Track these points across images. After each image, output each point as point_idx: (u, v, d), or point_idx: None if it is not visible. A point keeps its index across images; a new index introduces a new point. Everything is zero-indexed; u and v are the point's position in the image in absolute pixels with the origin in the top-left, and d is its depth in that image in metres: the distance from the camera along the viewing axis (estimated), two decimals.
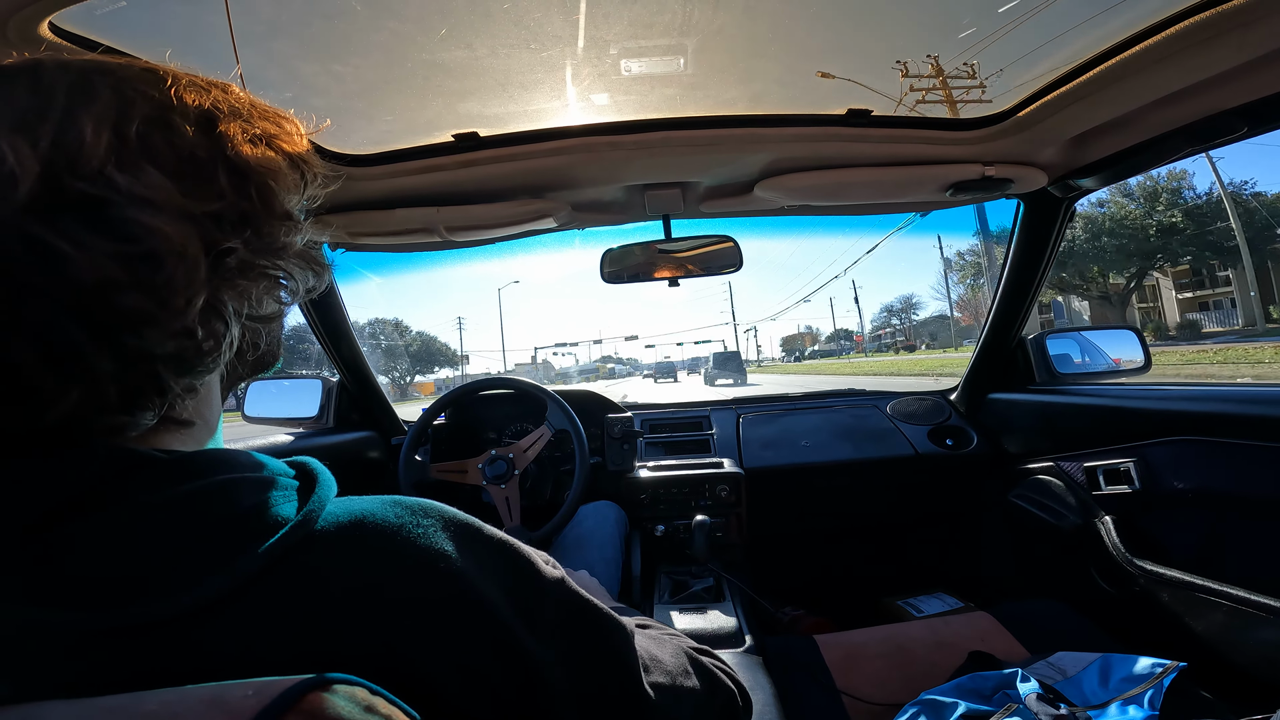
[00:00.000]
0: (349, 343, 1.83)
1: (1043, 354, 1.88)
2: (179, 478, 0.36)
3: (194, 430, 0.44)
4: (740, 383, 31.68)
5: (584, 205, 1.59)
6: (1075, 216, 1.61)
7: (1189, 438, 1.25)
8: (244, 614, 0.33)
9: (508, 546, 0.44)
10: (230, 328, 0.41)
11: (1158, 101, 1.09)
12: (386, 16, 0.91)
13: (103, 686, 0.30)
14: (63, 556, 0.32)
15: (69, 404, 0.34)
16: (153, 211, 0.35)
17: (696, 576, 1.60)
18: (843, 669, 1.19)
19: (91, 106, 0.35)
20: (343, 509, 0.39)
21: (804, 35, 1.06)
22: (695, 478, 1.85)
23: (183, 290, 0.36)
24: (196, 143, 0.39)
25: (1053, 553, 1.66)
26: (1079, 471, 1.55)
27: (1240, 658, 1.11)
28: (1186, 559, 1.27)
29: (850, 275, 78.95)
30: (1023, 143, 1.33)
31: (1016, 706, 0.92)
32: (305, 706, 0.28)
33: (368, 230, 1.47)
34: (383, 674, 0.33)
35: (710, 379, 34.65)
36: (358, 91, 1.11)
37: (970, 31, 1.02)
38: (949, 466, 2.01)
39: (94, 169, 0.33)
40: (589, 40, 1.00)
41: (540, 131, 1.28)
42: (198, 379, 0.41)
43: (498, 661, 0.39)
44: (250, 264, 0.41)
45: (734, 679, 0.63)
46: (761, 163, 1.41)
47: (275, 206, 0.43)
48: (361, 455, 1.88)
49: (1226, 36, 0.90)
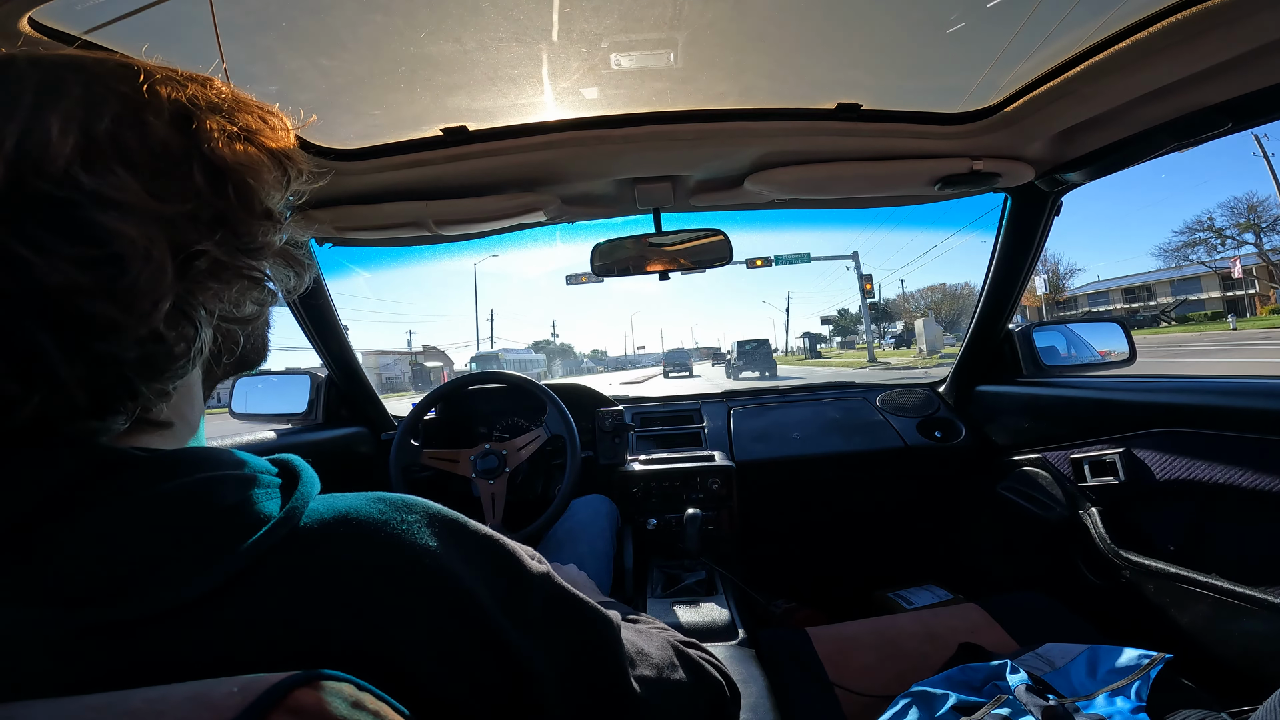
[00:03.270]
0: (337, 338, 1.82)
1: (1030, 346, 1.90)
2: (159, 476, 0.36)
3: (174, 430, 0.44)
4: (770, 378, 27.76)
5: (574, 199, 1.58)
6: (1061, 210, 1.63)
7: (1174, 429, 1.26)
8: (228, 611, 0.33)
9: (492, 541, 0.44)
10: (201, 331, 0.40)
11: (1144, 97, 1.10)
12: (373, 10, 0.90)
13: (86, 685, 0.29)
14: (43, 556, 0.32)
15: (33, 408, 0.33)
16: (118, 214, 0.34)
17: (689, 570, 1.60)
18: (834, 661, 1.20)
19: (59, 104, 0.34)
20: (326, 506, 0.39)
21: (794, 29, 1.05)
22: (687, 471, 1.86)
23: (148, 295, 0.35)
24: (170, 140, 0.38)
25: (1040, 544, 1.68)
26: (1066, 463, 1.57)
27: (1225, 649, 1.13)
28: (1172, 550, 1.29)
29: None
30: (1010, 137, 1.33)
31: (1006, 698, 0.93)
32: (291, 703, 0.28)
33: (356, 225, 1.46)
34: (368, 669, 0.33)
35: (735, 372, 30.59)
36: (345, 85, 1.09)
37: (959, 26, 1.02)
38: (938, 459, 2.03)
39: (59, 170, 0.33)
40: (579, 34, 1.00)
41: (529, 125, 1.28)
42: (169, 383, 0.40)
43: (483, 656, 0.39)
44: (224, 265, 0.40)
45: (721, 671, 0.63)
46: (751, 156, 1.42)
47: (254, 205, 0.42)
48: (351, 451, 1.87)
49: (1211, 33, 0.91)
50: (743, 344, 31.71)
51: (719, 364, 53.27)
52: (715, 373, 40.55)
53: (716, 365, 53.60)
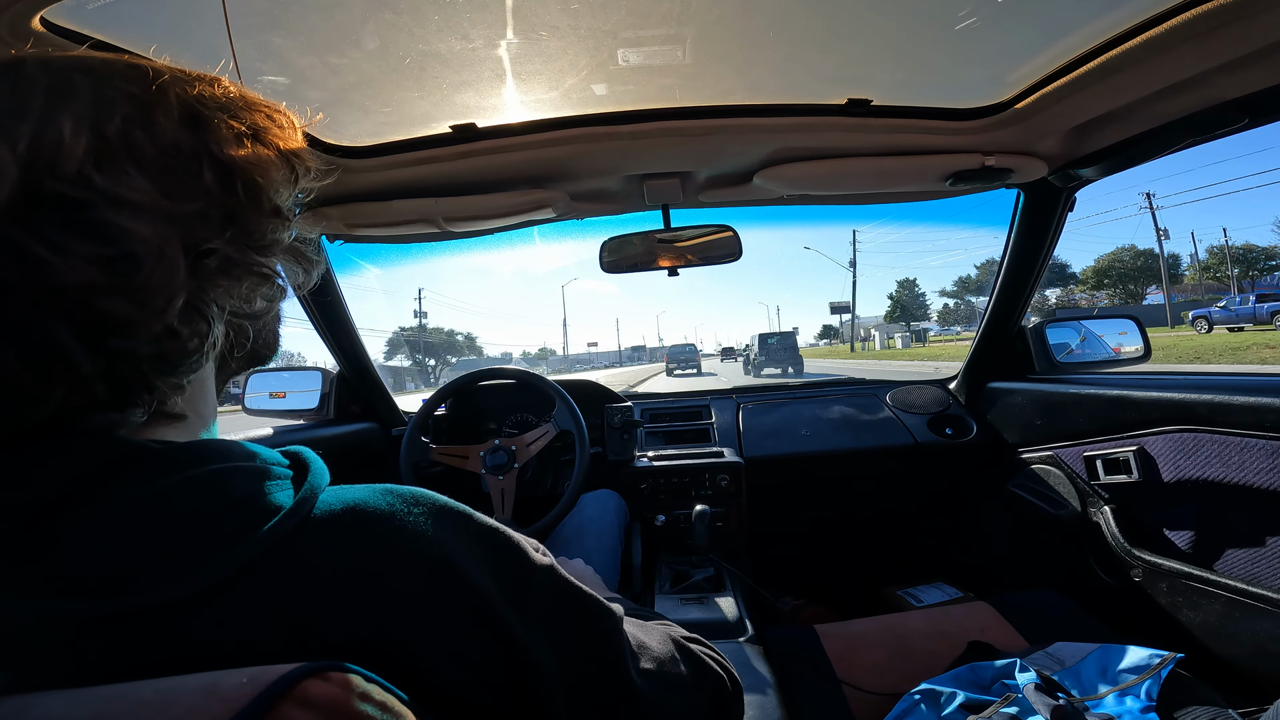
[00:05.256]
0: (349, 334, 1.83)
1: (1042, 343, 1.88)
2: (172, 467, 0.37)
3: (188, 423, 0.44)
4: (797, 375, 24.35)
5: (583, 195, 1.59)
6: (1075, 206, 1.61)
7: (1190, 428, 1.25)
8: (238, 602, 0.33)
9: (498, 533, 0.44)
10: (214, 326, 0.40)
11: (1159, 92, 1.09)
12: (382, 7, 0.91)
13: (100, 675, 0.30)
14: (59, 547, 0.32)
15: (54, 402, 0.34)
16: (131, 213, 0.34)
17: (697, 566, 1.60)
18: (843, 659, 1.20)
19: (71, 105, 0.35)
20: (336, 497, 0.39)
21: (803, 24, 1.05)
22: (695, 467, 1.86)
23: (162, 291, 0.36)
24: (180, 139, 0.38)
25: (1052, 542, 1.67)
26: (1078, 461, 1.55)
27: (1237, 649, 1.12)
28: (1186, 550, 1.28)
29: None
30: (1023, 133, 1.32)
31: (1015, 696, 0.92)
32: (299, 694, 0.28)
33: (365, 221, 1.47)
34: (375, 660, 0.33)
35: (756, 369, 27.55)
36: (354, 83, 1.10)
37: (971, 21, 1.01)
38: (949, 456, 2.01)
39: (73, 170, 0.33)
40: (587, 30, 1.00)
41: (538, 122, 1.28)
42: (183, 377, 0.40)
43: (487, 646, 0.39)
44: (235, 262, 0.41)
45: (723, 665, 0.63)
46: (761, 152, 1.41)
47: (263, 203, 0.43)
48: (361, 447, 1.88)
49: (1229, 28, 0.90)
50: (765, 336, 28.65)
51: (728, 360, 52.21)
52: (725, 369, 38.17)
53: (726, 361, 52.41)
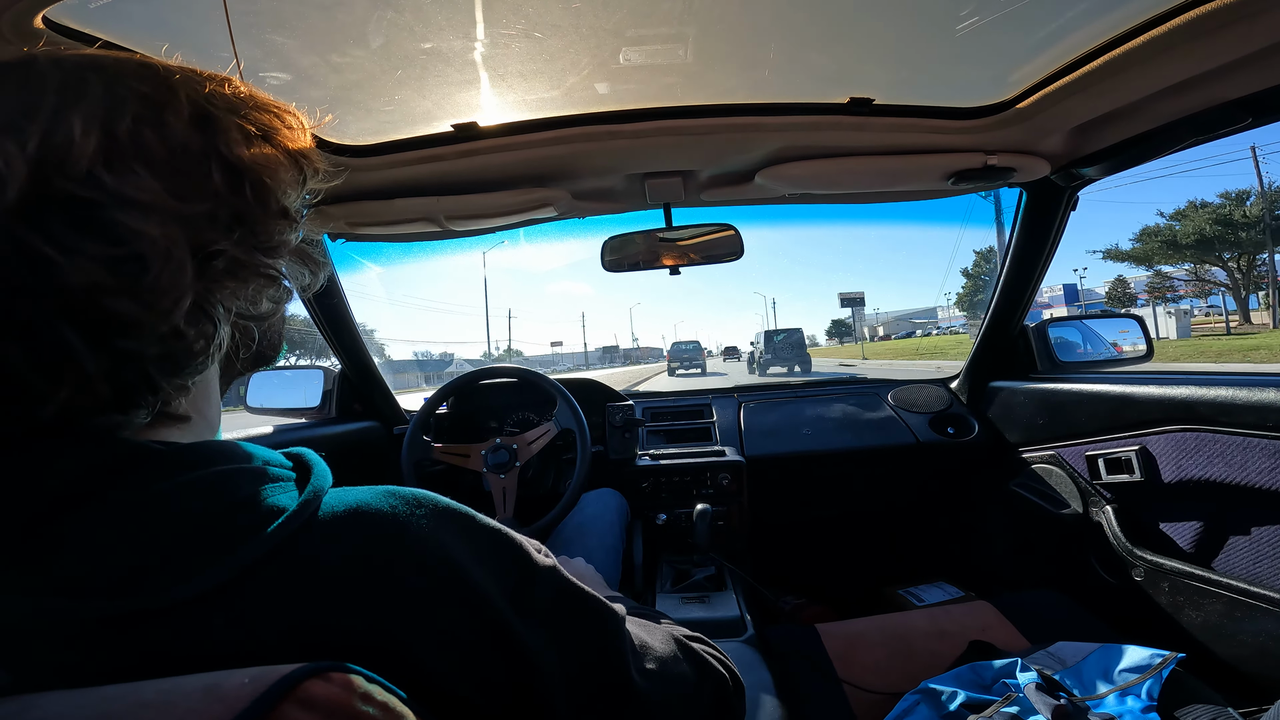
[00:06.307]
0: (351, 333, 1.83)
1: (1044, 342, 1.88)
2: (176, 469, 0.37)
3: (192, 425, 0.44)
4: (805, 374, 23.70)
5: (584, 194, 1.58)
6: (1078, 204, 1.61)
7: (1192, 427, 1.25)
8: (241, 602, 0.33)
9: (500, 534, 0.44)
10: (220, 327, 0.40)
11: (1162, 91, 1.09)
12: (384, 6, 0.90)
13: (102, 676, 0.30)
14: (63, 547, 0.32)
15: (60, 402, 0.34)
16: (140, 214, 0.34)
17: (698, 565, 1.61)
18: (844, 658, 1.20)
19: (82, 104, 0.35)
20: (338, 499, 0.39)
21: (806, 23, 1.04)
22: (697, 466, 1.86)
23: (169, 293, 0.35)
24: (190, 140, 0.38)
25: (1053, 542, 1.67)
26: (1080, 460, 1.55)
27: (1239, 649, 1.12)
28: (1187, 550, 1.27)
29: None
30: (1026, 132, 1.32)
31: (1016, 696, 0.92)
32: (301, 694, 0.28)
33: (368, 220, 1.47)
34: (377, 661, 0.33)
35: (761, 368, 26.90)
36: (357, 82, 1.10)
37: (973, 20, 1.01)
38: (950, 455, 2.01)
39: (82, 170, 0.33)
40: (590, 29, 0.99)
41: (540, 121, 1.28)
42: (188, 378, 0.40)
43: (489, 648, 0.39)
44: (242, 263, 0.41)
45: (725, 664, 0.63)
46: (763, 151, 1.41)
47: (271, 204, 0.42)
48: (363, 445, 1.89)
49: (1231, 28, 0.90)
50: (771, 334, 28.03)
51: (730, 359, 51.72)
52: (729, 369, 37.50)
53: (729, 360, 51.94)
